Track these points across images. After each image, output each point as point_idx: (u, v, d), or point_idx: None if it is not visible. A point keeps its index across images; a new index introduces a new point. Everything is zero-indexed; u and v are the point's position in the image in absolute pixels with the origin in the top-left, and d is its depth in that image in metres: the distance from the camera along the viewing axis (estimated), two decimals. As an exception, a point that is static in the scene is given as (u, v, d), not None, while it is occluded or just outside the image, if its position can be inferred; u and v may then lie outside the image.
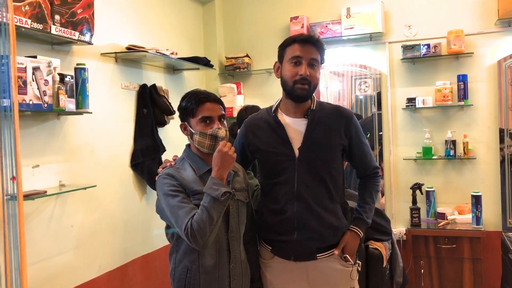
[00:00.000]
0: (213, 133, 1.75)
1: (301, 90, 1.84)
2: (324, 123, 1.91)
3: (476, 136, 3.45)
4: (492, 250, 3.28)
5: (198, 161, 1.80)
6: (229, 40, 4.03)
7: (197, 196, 1.70)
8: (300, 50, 1.84)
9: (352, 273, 1.95)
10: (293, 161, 1.88)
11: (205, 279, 1.73)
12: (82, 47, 2.48)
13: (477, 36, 3.41)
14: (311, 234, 1.87)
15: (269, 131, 1.94)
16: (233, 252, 1.78)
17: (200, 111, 1.77)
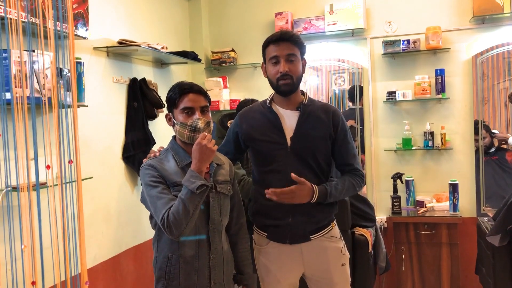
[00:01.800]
0: (192, 124, 1.79)
1: (284, 85, 1.98)
2: (314, 115, 2.04)
3: (453, 127, 3.62)
4: (468, 235, 3.46)
5: (181, 152, 1.83)
6: (215, 34, 4.10)
7: (177, 187, 1.74)
8: (275, 50, 1.98)
9: (342, 249, 2.09)
10: (285, 150, 1.99)
11: (184, 269, 1.77)
12: (76, 42, 2.51)
13: (453, 32, 3.58)
14: (305, 217, 2.00)
15: (264, 121, 2.05)
16: (214, 243, 1.81)
17: (182, 102, 1.81)
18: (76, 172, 1.14)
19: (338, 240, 2.10)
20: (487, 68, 3.54)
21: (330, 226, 2.08)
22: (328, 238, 2.07)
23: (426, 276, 3.41)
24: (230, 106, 3.91)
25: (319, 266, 2.06)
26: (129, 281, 2.95)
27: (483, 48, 3.53)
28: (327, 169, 2.08)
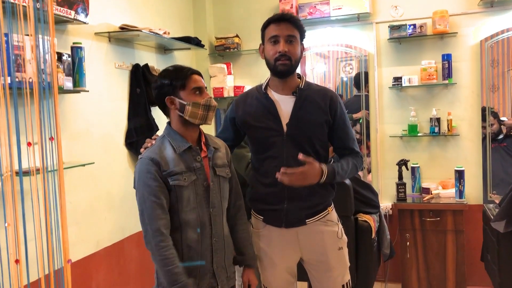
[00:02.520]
0: (206, 103, 1.79)
1: (282, 65, 1.94)
2: (311, 100, 2.01)
3: (460, 113, 3.57)
4: (474, 222, 3.43)
5: (178, 138, 1.81)
6: (219, 20, 4.06)
7: (175, 176, 1.74)
8: (276, 29, 1.94)
9: (338, 232, 2.07)
10: (282, 136, 1.97)
11: (187, 254, 1.77)
12: (77, 27, 2.50)
13: (461, 16, 3.51)
14: (301, 202, 1.99)
15: (259, 107, 2.03)
16: (215, 227, 1.83)
17: (191, 82, 1.79)
18: (57, 149, 1.13)
19: (335, 224, 2.09)
20: (497, 54, 3.47)
21: (327, 211, 2.07)
22: (324, 222, 2.05)
23: (431, 263, 3.39)
24: (234, 92, 3.88)
25: (316, 250, 2.05)
26: (132, 267, 2.96)
27: (491, 32, 3.46)
28: (324, 154, 2.06)
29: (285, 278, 2.10)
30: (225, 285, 1.87)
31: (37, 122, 1.11)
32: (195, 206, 1.78)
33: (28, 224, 1.28)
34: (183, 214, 1.76)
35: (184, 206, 1.76)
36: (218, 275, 1.84)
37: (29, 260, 1.18)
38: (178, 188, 1.75)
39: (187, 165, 1.78)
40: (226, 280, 1.89)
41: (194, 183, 1.78)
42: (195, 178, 1.78)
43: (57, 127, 1.15)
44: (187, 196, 1.76)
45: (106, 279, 2.72)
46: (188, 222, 1.77)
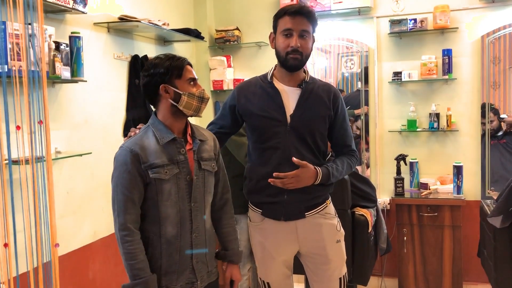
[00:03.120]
0: (200, 95, 1.74)
1: (293, 60, 1.93)
2: (316, 94, 2.01)
3: (459, 109, 3.56)
4: (471, 218, 3.43)
5: (162, 129, 1.74)
6: (219, 13, 4.05)
7: (156, 169, 1.68)
8: (291, 22, 1.91)
9: (337, 225, 2.09)
10: (285, 127, 1.96)
11: (166, 249, 1.73)
12: (76, 16, 2.50)
13: (462, 11, 3.49)
14: (301, 195, 1.98)
15: (264, 97, 2.00)
16: (196, 222, 1.77)
17: (187, 72, 1.75)
18: (46, 133, 1.13)
19: (333, 217, 2.10)
20: (498, 50, 3.46)
21: (325, 204, 2.07)
22: (323, 215, 2.06)
23: (428, 258, 3.40)
24: (234, 85, 3.87)
25: (314, 242, 2.05)
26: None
27: (492, 27, 3.44)
28: (324, 148, 2.07)
29: (282, 271, 2.10)
30: (205, 280, 1.83)
31: (26, 106, 1.11)
32: (176, 200, 1.72)
33: (17, 209, 1.28)
34: (163, 207, 1.71)
35: (164, 200, 1.70)
36: (199, 270, 1.79)
37: (18, 245, 1.18)
38: (159, 181, 1.69)
39: (170, 158, 1.71)
40: (207, 275, 1.84)
41: (176, 177, 1.72)
42: (178, 171, 1.72)
43: (45, 110, 1.15)
44: (168, 190, 1.70)
45: (102, 270, 2.73)
46: (168, 216, 1.72)
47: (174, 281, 1.74)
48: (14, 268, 1.16)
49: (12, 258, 1.11)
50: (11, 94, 1.28)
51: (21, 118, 1.14)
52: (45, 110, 1.14)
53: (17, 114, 1.16)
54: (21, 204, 1.19)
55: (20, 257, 1.24)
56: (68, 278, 2.47)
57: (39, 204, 1.15)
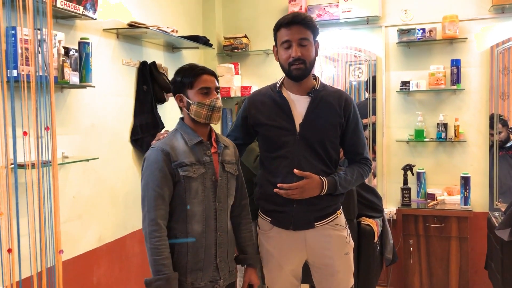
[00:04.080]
0: (211, 104, 1.81)
1: (296, 70, 1.91)
2: (326, 102, 1.98)
3: (467, 119, 3.54)
4: (479, 229, 3.40)
5: (190, 132, 1.85)
6: (228, 20, 4.06)
7: (185, 168, 1.77)
8: (287, 34, 1.89)
9: (347, 237, 2.05)
10: (294, 136, 1.95)
11: (192, 247, 1.80)
12: (85, 22, 2.52)
13: (471, 21, 3.49)
14: (310, 205, 1.95)
15: (273, 106, 2.00)
16: (220, 221, 1.85)
17: (199, 82, 1.82)
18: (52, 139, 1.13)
19: (343, 229, 2.06)
20: (508, 61, 3.44)
21: (336, 214, 2.04)
22: (333, 226, 2.03)
23: (434, 269, 3.36)
24: (241, 92, 3.88)
25: (323, 253, 2.02)
26: (134, 263, 2.97)
27: (502, 38, 3.43)
28: (335, 157, 2.04)
29: (290, 281, 2.08)
30: (227, 279, 1.90)
31: (33, 112, 1.11)
32: (203, 199, 1.81)
33: (22, 213, 1.28)
34: (190, 205, 1.79)
35: (191, 198, 1.79)
36: (221, 268, 1.86)
37: (22, 250, 1.18)
38: (187, 179, 1.78)
39: (197, 158, 1.81)
40: (229, 275, 1.91)
41: (203, 176, 1.81)
42: (204, 171, 1.81)
43: (53, 116, 1.15)
44: (195, 188, 1.79)
45: (107, 275, 2.72)
46: (194, 214, 1.80)
47: (199, 278, 1.81)
48: (17, 273, 1.16)
49: (16, 263, 1.11)
50: (19, 99, 1.28)
51: (28, 124, 1.15)
52: (52, 116, 1.15)
53: (25, 120, 1.17)
54: (26, 209, 1.20)
55: (24, 262, 1.24)
56: (73, 283, 2.47)
57: (44, 209, 1.16)
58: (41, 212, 1.13)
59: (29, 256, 1.22)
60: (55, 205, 1.16)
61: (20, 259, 1.14)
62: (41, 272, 1.23)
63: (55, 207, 1.16)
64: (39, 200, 1.17)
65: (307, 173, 1.89)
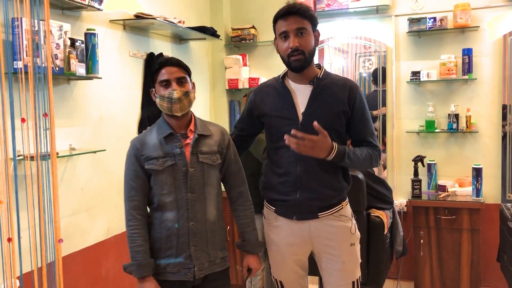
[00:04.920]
0: (168, 96, 1.84)
1: (295, 61, 1.90)
2: (328, 90, 1.96)
3: (479, 110, 3.48)
4: (491, 221, 3.35)
5: (163, 126, 1.92)
6: (235, 11, 4.03)
7: (151, 161, 1.86)
8: (284, 24, 1.89)
9: (352, 228, 2.03)
10: (296, 125, 1.93)
11: (165, 234, 1.88)
12: (92, 13, 2.50)
13: (483, 10, 3.41)
14: (313, 194, 1.95)
15: (276, 97, 2.01)
16: (193, 211, 1.88)
17: (159, 75, 1.88)
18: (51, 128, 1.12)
19: (348, 220, 2.04)
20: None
21: (340, 205, 2.02)
22: (337, 216, 2.01)
23: (445, 262, 3.32)
24: (249, 84, 3.85)
25: (327, 244, 2.01)
26: (142, 255, 2.97)
27: (515, 27, 3.36)
28: None
29: (295, 270, 2.08)
30: (205, 268, 1.90)
31: (31, 99, 1.10)
32: (173, 189, 1.87)
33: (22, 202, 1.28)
34: (160, 196, 1.88)
35: (160, 189, 1.87)
36: (197, 257, 1.88)
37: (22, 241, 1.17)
38: (154, 172, 1.87)
39: (166, 151, 1.87)
40: (208, 264, 1.91)
41: (172, 168, 1.86)
42: (173, 163, 1.87)
43: (51, 103, 1.14)
44: (164, 180, 1.87)
45: (115, 267, 2.73)
46: (165, 204, 1.88)
47: (171, 264, 1.88)
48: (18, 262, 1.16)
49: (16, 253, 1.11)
50: (21, 90, 1.27)
51: (26, 112, 1.14)
52: (50, 103, 1.14)
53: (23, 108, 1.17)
54: (26, 198, 1.20)
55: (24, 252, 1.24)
56: (81, 274, 2.47)
57: (44, 198, 1.15)
58: (40, 201, 1.12)
59: (29, 245, 1.22)
60: (54, 194, 1.15)
61: (21, 248, 1.13)
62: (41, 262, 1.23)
63: (54, 196, 1.15)
64: (38, 190, 1.17)
65: (325, 131, 1.83)
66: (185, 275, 1.87)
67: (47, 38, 1.24)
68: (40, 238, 1.13)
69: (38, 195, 1.19)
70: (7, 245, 1.06)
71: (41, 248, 1.18)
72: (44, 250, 1.18)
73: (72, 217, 2.42)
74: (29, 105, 1.23)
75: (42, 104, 1.18)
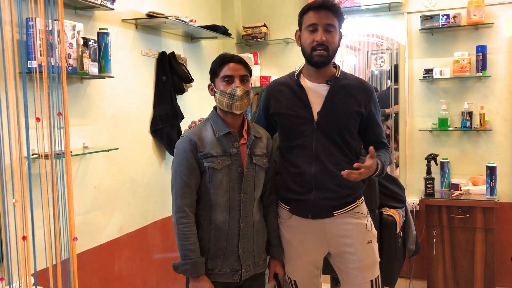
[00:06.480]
0: (231, 92, 1.82)
1: (319, 56, 1.88)
2: (345, 90, 1.95)
3: (493, 107, 3.44)
4: (505, 220, 3.31)
5: (219, 122, 1.87)
6: (247, 9, 4.03)
7: (210, 159, 1.82)
8: (315, 17, 1.87)
9: (367, 225, 2.01)
10: (311, 125, 1.93)
11: (214, 235, 1.85)
12: (104, 13, 2.52)
13: (498, 6, 3.37)
14: (328, 193, 1.94)
15: (290, 95, 1.99)
16: (244, 212, 1.87)
17: (222, 71, 1.85)
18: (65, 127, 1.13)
19: (364, 217, 2.02)
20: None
21: (356, 203, 2.01)
22: (353, 214, 1.99)
23: (459, 261, 3.29)
24: (261, 82, 3.85)
25: (343, 242, 1.99)
26: (154, 253, 2.99)
27: (530, 23, 3.31)
28: (356, 146, 2.02)
29: (309, 270, 2.06)
30: (251, 270, 1.91)
31: (46, 99, 1.12)
32: (227, 190, 1.84)
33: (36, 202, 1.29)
34: (214, 195, 1.84)
35: (215, 188, 1.83)
36: (244, 259, 1.88)
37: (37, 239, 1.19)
38: (212, 170, 1.82)
39: (224, 149, 1.84)
40: (253, 266, 1.92)
41: (229, 168, 1.84)
42: (230, 162, 1.84)
43: (65, 103, 1.15)
44: (220, 179, 1.83)
45: (128, 264, 2.75)
46: (218, 204, 1.84)
47: (219, 265, 1.86)
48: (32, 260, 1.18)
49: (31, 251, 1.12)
50: (35, 89, 1.29)
51: (40, 111, 1.15)
52: (64, 102, 1.15)
53: (37, 108, 1.18)
54: (40, 197, 1.21)
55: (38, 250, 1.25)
56: (95, 272, 2.50)
57: (58, 197, 1.16)
58: (54, 200, 1.14)
59: (44, 243, 1.23)
60: (68, 192, 1.16)
61: (35, 246, 1.15)
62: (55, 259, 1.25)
63: (69, 194, 1.16)
64: (52, 188, 1.18)
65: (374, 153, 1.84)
66: (232, 276, 1.86)
67: (61, 37, 1.25)
68: (54, 236, 1.15)
69: (53, 194, 1.21)
70: (22, 243, 1.08)
71: (56, 245, 1.20)
72: (59, 248, 1.20)
73: (86, 215, 2.44)
74: (43, 104, 1.24)
75: (56, 103, 1.19)
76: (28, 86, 1.64)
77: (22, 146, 1.19)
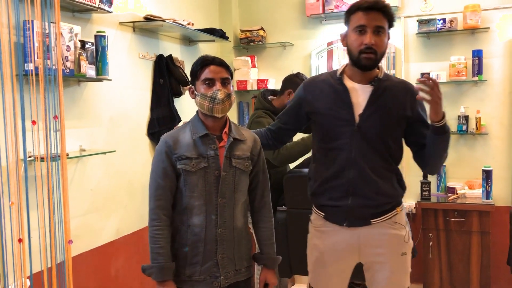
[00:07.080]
0: (212, 95, 1.76)
1: (366, 59, 1.78)
2: (389, 92, 1.85)
3: (489, 112, 3.46)
4: (501, 224, 3.32)
5: (197, 125, 1.83)
6: (244, 12, 4.04)
7: (183, 161, 1.77)
8: (365, 18, 1.75)
9: (405, 236, 1.91)
10: (352, 127, 1.83)
11: (192, 240, 1.79)
12: (102, 16, 2.53)
13: (494, 11, 3.39)
14: (366, 201, 1.84)
15: (331, 94, 1.88)
16: (222, 217, 1.80)
17: (203, 73, 1.80)
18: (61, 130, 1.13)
19: (402, 227, 1.90)
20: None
21: (395, 211, 1.89)
22: (391, 224, 1.88)
23: (455, 264, 3.30)
24: (258, 86, 3.86)
25: (376, 252, 1.88)
26: (151, 255, 2.98)
27: (526, 28, 3.33)
28: (398, 153, 1.90)
29: (335, 280, 1.96)
30: (231, 277, 1.84)
31: (42, 102, 1.12)
32: (203, 193, 1.78)
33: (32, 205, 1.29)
34: (188, 199, 1.79)
35: (190, 191, 1.78)
36: (223, 265, 1.81)
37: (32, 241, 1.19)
38: (186, 172, 1.77)
39: (199, 152, 1.79)
40: (234, 273, 1.85)
41: (205, 170, 1.78)
42: (206, 165, 1.78)
43: (61, 106, 1.15)
44: (195, 182, 1.78)
45: (125, 267, 2.75)
46: (193, 207, 1.79)
47: (197, 272, 1.80)
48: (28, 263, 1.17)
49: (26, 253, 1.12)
50: (32, 92, 1.29)
51: (36, 114, 1.16)
52: (60, 105, 1.15)
53: (33, 110, 1.18)
54: (36, 199, 1.21)
55: (34, 253, 1.25)
56: (91, 274, 2.49)
57: (54, 199, 1.16)
58: (50, 202, 1.14)
59: (39, 246, 1.23)
60: (64, 195, 1.17)
61: (31, 249, 1.15)
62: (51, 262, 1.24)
63: (64, 197, 1.16)
64: (48, 191, 1.18)
65: None
66: (211, 283, 1.79)
67: (58, 40, 1.26)
68: (50, 239, 1.15)
69: (48, 196, 1.21)
70: (18, 245, 1.08)
71: (51, 248, 1.20)
72: (54, 251, 1.20)
73: (82, 218, 2.44)
74: (39, 107, 1.25)
75: (52, 106, 1.19)
76: (25, 88, 1.64)
77: (18, 148, 1.19)
